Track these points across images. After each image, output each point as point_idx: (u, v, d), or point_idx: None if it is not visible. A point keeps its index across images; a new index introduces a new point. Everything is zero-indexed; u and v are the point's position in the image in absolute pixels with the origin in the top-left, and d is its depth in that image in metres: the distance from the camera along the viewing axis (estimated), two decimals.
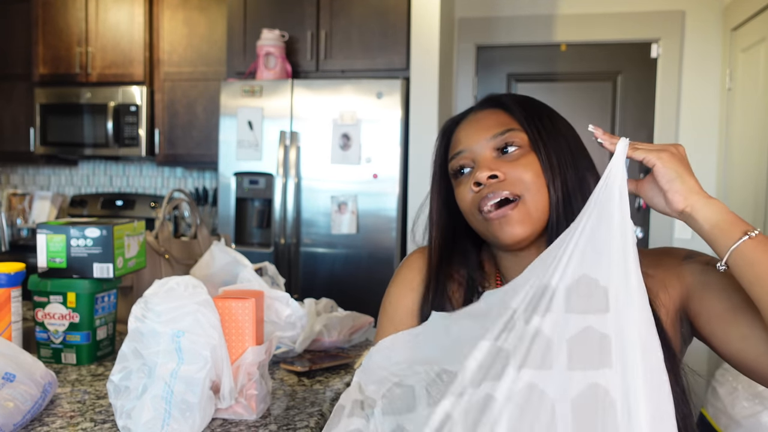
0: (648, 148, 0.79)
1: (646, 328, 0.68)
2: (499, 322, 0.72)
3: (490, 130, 0.92)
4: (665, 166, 0.77)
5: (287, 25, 3.11)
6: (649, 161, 0.78)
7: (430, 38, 2.94)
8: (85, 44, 3.67)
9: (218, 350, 0.99)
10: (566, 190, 0.88)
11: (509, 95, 0.98)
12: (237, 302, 1.05)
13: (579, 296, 0.69)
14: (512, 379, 0.66)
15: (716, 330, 0.82)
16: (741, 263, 0.74)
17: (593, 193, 0.75)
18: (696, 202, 0.76)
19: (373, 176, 2.89)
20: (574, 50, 3.40)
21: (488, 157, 0.91)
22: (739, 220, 0.76)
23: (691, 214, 0.77)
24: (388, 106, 2.87)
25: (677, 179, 0.76)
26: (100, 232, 1.33)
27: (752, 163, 2.73)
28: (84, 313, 1.32)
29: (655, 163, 0.77)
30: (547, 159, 0.89)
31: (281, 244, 3.01)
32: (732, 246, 0.74)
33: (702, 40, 3.21)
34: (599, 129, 0.81)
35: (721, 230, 0.75)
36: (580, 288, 0.70)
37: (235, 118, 3.05)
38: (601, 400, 0.65)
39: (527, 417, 0.65)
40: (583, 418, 0.65)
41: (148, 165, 4.06)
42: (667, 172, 0.77)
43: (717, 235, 0.75)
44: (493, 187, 0.88)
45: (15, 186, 4.27)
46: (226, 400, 1.01)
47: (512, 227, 0.87)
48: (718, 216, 0.75)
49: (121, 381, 0.98)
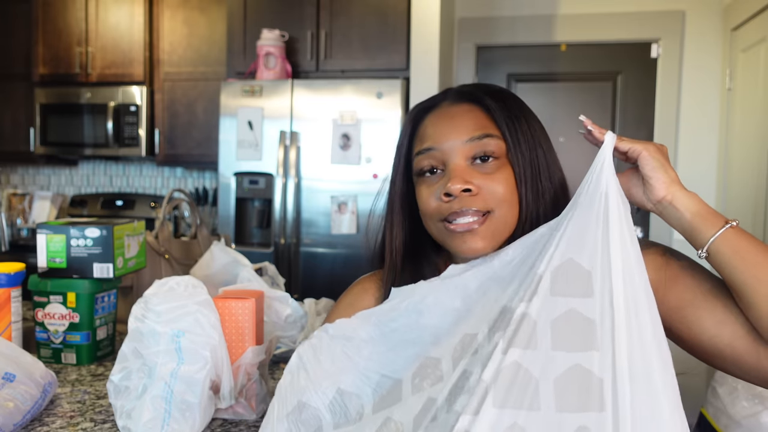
0: (632, 139, 0.80)
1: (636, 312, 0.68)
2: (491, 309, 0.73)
3: (466, 132, 0.85)
4: (651, 155, 0.78)
5: (287, 25, 3.11)
6: (635, 150, 0.79)
7: (430, 38, 2.94)
8: (85, 44, 3.67)
9: (218, 350, 0.99)
10: (539, 203, 0.85)
11: (485, 88, 0.91)
12: (237, 302, 1.05)
13: (564, 280, 0.71)
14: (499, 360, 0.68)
15: (689, 319, 0.80)
16: (724, 250, 0.75)
17: (582, 184, 0.76)
18: (677, 191, 0.77)
19: (373, 176, 2.89)
20: (574, 50, 3.40)
21: (462, 166, 0.84)
22: (716, 212, 0.78)
23: (672, 202, 0.77)
24: (388, 106, 2.87)
25: (661, 168, 0.77)
26: (100, 232, 1.33)
27: (752, 163, 2.73)
28: (84, 313, 1.32)
29: (641, 152, 0.78)
30: (523, 172, 0.85)
31: (281, 244, 3.01)
32: (716, 233, 0.75)
33: (702, 40, 3.21)
34: (588, 120, 0.81)
35: (703, 218, 0.76)
36: (566, 272, 0.71)
37: (235, 118, 3.05)
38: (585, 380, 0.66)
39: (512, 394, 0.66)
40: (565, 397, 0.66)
41: (148, 165, 4.06)
42: (651, 160, 0.78)
43: (698, 223, 0.77)
44: (465, 201, 0.82)
45: (15, 186, 4.27)
46: (226, 400, 1.01)
47: (475, 242, 0.82)
48: (698, 206, 0.77)
49: (121, 381, 0.98)
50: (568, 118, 3.40)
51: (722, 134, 3.14)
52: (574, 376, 0.66)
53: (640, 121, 3.34)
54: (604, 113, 3.34)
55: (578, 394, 0.66)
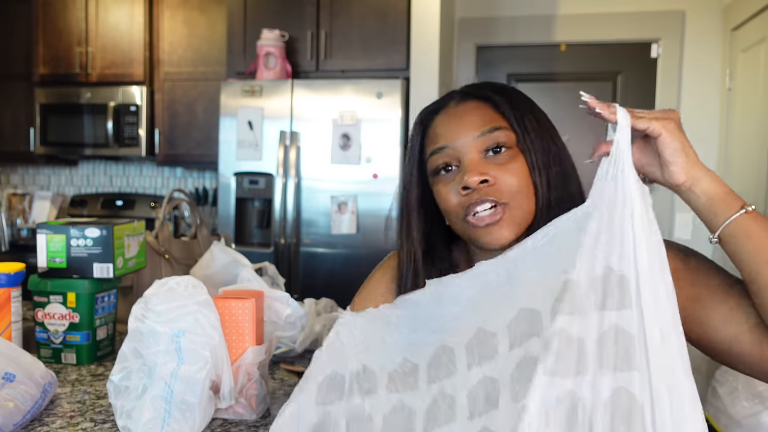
0: (650, 116, 0.74)
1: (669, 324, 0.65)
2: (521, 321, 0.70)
3: (476, 127, 0.88)
4: (671, 136, 0.73)
5: (287, 25, 3.11)
6: (654, 130, 0.73)
7: (430, 38, 2.94)
8: (85, 44, 3.67)
9: (218, 350, 0.99)
10: (553, 190, 0.87)
11: (489, 86, 0.93)
12: (237, 302, 1.05)
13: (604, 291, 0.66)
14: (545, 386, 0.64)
15: (695, 315, 0.79)
16: (738, 234, 0.73)
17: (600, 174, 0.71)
18: (697, 175, 0.74)
19: (373, 176, 2.89)
20: (574, 50, 3.40)
21: (476, 159, 0.87)
22: (735, 194, 0.75)
23: (691, 188, 0.74)
24: (388, 106, 2.87)
25: (681, 152, 0.73)
26: (100, 232, 1.33)
27: (752, 163, 2.73)
28: (84, 313, 1.32)
29: (660, 133, 0.73)
30: (535, 160, 0.87)
31: (281, 244, 3.01)
32: (731, 217, 0.73)
33: (702, 40, 3.21)
34: (593, 98, 0.75)
35: (720, 202, 0.74)
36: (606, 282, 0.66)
37: (235, 118, 3.05)
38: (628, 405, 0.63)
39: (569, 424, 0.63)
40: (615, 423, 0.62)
41: (148, 165, 4.06)
42: (672, 143, 0.73)
43: (714, 207, 0.74)
44: (483, 192, 0.85)
45: (15, 186, 4.27)
46: (226, 400, 1.01)
47: (500, 232, 0.85)
48: (716, 189, 0.74)
49: (121, 381, 0.98)
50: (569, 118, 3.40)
51: (722, 134, 3.14)
52: (619, 402, 0.63)
53: None
54: None
55: (622, 421, 0.62)
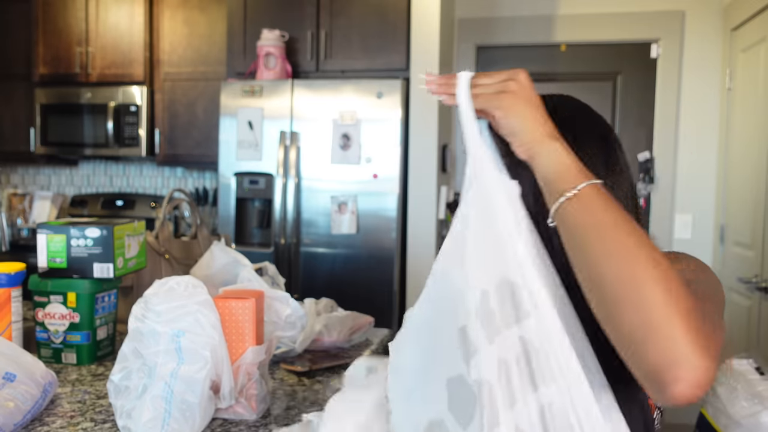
0: (484, 92, 0.68)
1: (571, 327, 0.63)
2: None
3: None
4: (507, 116, 0.67)
5: (287, 25, 3.11)
6: (489, 112, 0.68)
7: (430, 38, 2.94)
8: (85, 44, 3.67)
9: (218, 350, 0.99)
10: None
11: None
12: (237, 302, 1.06)
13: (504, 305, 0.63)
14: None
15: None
16: (568, 220, 0.64)
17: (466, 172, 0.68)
18: (537, 151, 0.66)
19: (373, 176, 2.89)
20: (574, 50, 3.40)
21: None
22: (576, 171, 0.65)
23: (532, 166, 0.68)
24: (388, 106, 2.87)
25: (519, 131, 0.67)
26: (100, 232, 1.33)
27: (752, 163, 2.73)
28: (84, 313, 1.32)
29: (494, 114, 0.68)
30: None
31: (281, 244, 3.01)
32: (557, 201, 0.64)
33: (702, 40, 3.21)
34: (432, 76, 0.70)
35: (552, 182, 0.66)
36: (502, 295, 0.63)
37: (235, 118, 3.05)
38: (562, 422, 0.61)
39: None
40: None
41: (149, 165, 4.06)
42: (507, 124, 0.67)
43: (548, 187, 0.66)
44: None
45: (15, 186, 4.27)
46: (226, 400, 1.01)
47: None
48: (551, 167, 0.66)
49: (121, 381, 0.98)
50: None
51: (722, 134, 3.14)
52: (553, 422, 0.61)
53: (640, 121, 3.34)
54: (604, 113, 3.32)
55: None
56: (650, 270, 0.58)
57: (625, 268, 0.59)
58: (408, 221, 2.93)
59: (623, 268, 0.59)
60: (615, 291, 0.59)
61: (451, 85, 0.69)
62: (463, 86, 0.68)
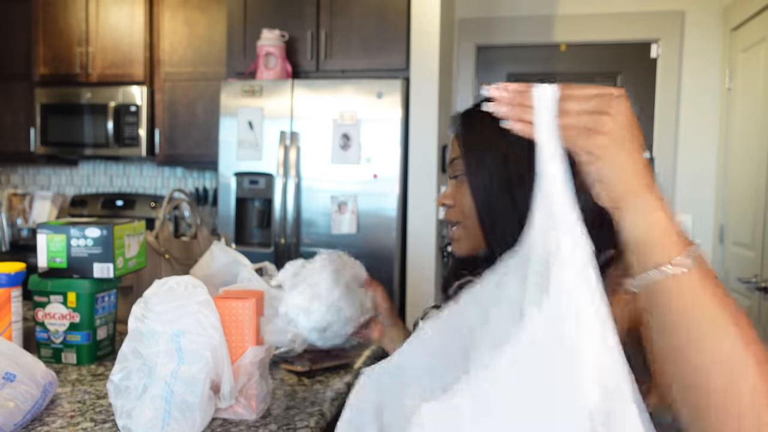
0: (572, 125, 0.56)
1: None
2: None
3: (450, 157, 0.98)
4: (596, 163, 0.57)
5: (287, 25, 3.11)
6: (580, 157, 0.57)
7: (430, 38, 2.94)
8: (86, 44, 3.67)
9: (218, 350, 0.99)
10: (497, 217, 0.83)
11: (463, 116, 0.93)
12: (237, 302, 1.06)
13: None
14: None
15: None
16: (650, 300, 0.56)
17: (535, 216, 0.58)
18: (626, 206, 0.57)
19: (373, 176, 2.89)
20: (574, 50, 3.40)
21: (449, 184, 0.98)
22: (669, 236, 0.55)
23: (617, 216, 0.59)
24: (388, 106, 2.87)
25: (609, 182, 0.57)
26: (100, 232, 1.33)
27: (752, 163, 2.73)
28: (84, 313, 1.32)
29: (586, 161, 0.57)
30: (475, 189, 0.86)
31: (281, 244, 3.01)
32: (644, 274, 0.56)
33: (702, 40, 3.21)
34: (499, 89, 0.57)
35: (641, 246, 0.57)
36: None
37: (235, 118, 3.05)
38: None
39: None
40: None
41: (149, 165, 4.06)
42: (596, 171, 0.57)
43: (632, 250, 0.58)
44: (447, 213, 0.99)
45: (15, 186, 4.27)
46: (227, 399, 1.01)
47: (456, 245, 0.97)
48: (644, 227, 0.56)
49: (121, 381, 0.98)
50: None
51: (722, 134, 3.14)
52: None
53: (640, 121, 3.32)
54: None
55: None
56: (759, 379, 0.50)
57: (734, 377, 0.50)
58: (408, 221, 2.93)
59: (732, 378, 0.50)
60: (717, 401, 0.51)
61: (526, 108, 0.56)
62: (546, 113, 0.54)
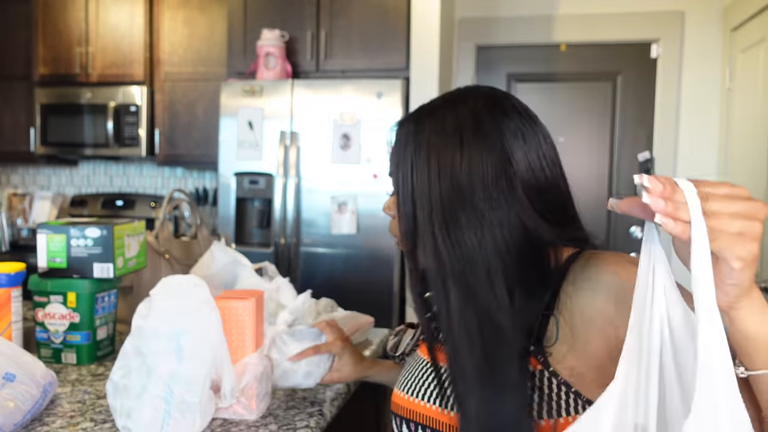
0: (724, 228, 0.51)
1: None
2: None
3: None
4: (745, 270, 0.52)
5: (287, 25, 3.11)
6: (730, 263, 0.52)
7: (430, 38, 2.94)
8: (86, 44, 3.67)
9: (219, 350, 0.99)
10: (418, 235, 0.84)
11: (401, 126, 0.88)
12: (238, 302, 1.06)
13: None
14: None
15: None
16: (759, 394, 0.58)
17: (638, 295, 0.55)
18: (740, 305, 0.55)
19: (373, 176, 2.89)
20: (574, 50, 3.40)
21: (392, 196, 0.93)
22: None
23: (726, 314, 0.56)
24: (388, 106, 2.87)
25: (741, 286, 0.53)
26: (100, 232, 1.33)
27: (752, 163, 2.73)
28: (84, 313, 1.32)
29: (731, 264, 0.52)
30: (402, 204, 0.85)
31: (281, 244, 3.01)
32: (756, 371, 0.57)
33: (702, 41, 3.21)
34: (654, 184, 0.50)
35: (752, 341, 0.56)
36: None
37: (235, 118, 3.05)
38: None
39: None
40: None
41: (149, 165, 4.06)
42: (739, 277, 0.52)
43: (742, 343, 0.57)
44: (391, 224, 0.95)
45: (15, 186, 4.27)
46: (227, 399, 1.01)
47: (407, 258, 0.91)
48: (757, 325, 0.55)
49: (121, 379, 0.98)
50: (569, 117, 3.40)
51: (722, 134, 3.14)
52: None
53: (640, 121, 3.34)
54: (604, 113, 3.34)
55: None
56: None
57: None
58: None
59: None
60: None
61: (678, 205, 0.50)
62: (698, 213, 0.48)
